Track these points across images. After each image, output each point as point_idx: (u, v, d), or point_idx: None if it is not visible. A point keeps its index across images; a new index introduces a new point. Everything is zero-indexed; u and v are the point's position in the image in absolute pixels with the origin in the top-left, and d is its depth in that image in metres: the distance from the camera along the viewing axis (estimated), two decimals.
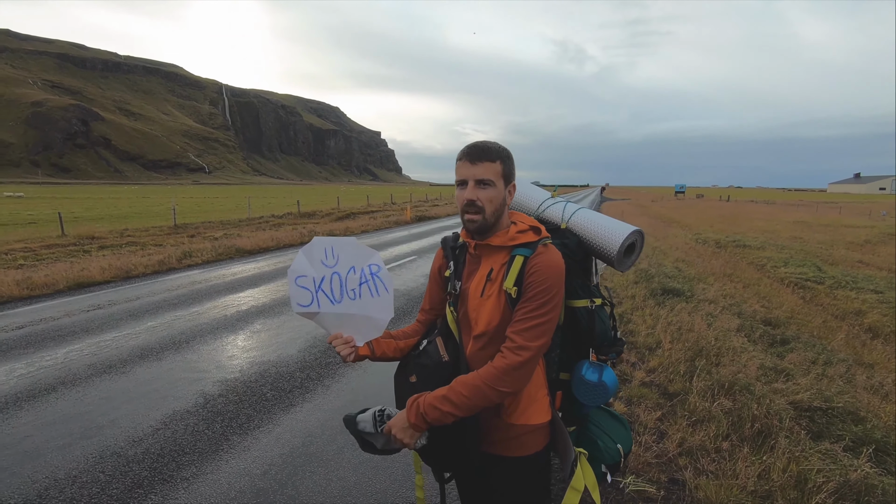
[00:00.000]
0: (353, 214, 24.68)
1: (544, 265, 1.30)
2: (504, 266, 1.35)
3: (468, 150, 1.34)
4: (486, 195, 1.32)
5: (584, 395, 1.43)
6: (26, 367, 4.28)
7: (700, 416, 3.33)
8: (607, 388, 1.39)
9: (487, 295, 1.35)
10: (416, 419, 1.26)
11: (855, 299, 8.07)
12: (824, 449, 2.86)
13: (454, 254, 1.49)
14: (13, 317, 5.98)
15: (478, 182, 1.32)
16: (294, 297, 1.43)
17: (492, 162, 1.33)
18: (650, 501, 2.59)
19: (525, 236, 1.36)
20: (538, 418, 1.39)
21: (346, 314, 1.44)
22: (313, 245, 1.44)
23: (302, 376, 4.13)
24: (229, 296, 7.08)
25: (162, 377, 4.08)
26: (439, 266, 1.56)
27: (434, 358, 1.40)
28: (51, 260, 10.12)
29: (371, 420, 1.36)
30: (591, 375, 1.41)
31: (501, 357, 1.26)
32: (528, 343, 1.25)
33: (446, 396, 1.24)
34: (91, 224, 17.86)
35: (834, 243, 16.32)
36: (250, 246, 12.07)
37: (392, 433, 1.30)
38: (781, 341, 5.13)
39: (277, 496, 2.57)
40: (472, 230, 1.37)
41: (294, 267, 1.43)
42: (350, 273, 1.42)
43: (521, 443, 1.39)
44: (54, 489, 2.59)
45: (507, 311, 1.33)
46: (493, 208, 1.33)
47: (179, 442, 3.07)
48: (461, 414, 1.25)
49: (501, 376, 1.24)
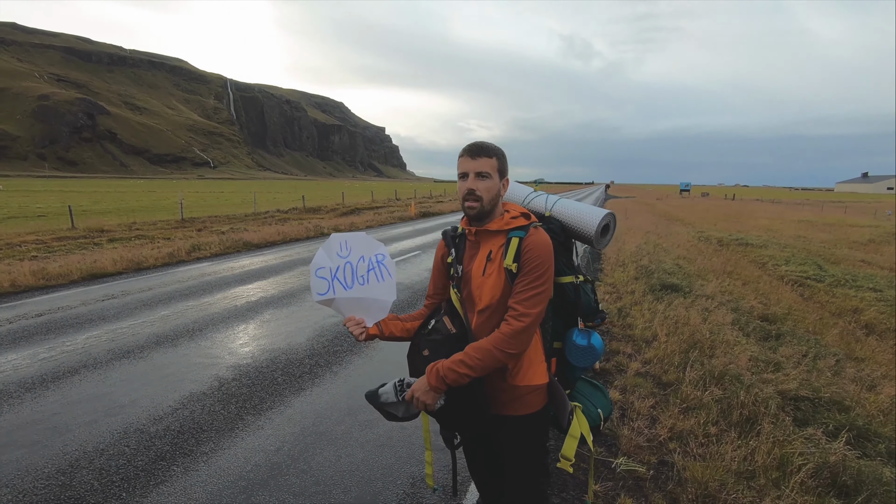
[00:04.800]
0: (358, 210, 24.87)
1: (537, 244, 1.50)
2: (502, 247, 1.55)
3: (469, 148, 1.57)
4: (484, 186, 1.54)
5: (576, 357, 1.64)
6: (48, 351, 4.49)
7: (691, 403, 3.49)
8: (596, 349, 1.61)
9: (488, 273, 1.55)
10: (437, 381, 1.45)
11: (853, 297, 8.19)
12: (808, 434, 3.02)
13: (454, 242, 1.69)
14: (32, 305, 6.20)
15: (477, 174, 1.54)
16: (314, 287, 1.69)
17: (489, 157, 1.55)
18: (640, 480, 2.75)
19: (518, 221, 1.57)
20: (538, 379, 1.59)
21: (357, 298, 1.69)
22: (331, 240, 1.70)
23: (311, 362, 4.32)
24: (238, 287, 7.28)
25: (178, 362, 4.27)
26: (442, 255, 1.76)
27: (443, 332, 1.59)
28: (63, 252, 10.35)
29: (392, 390, 1.55)
30: (581, 340, 1.62)
31: (506, 324, 1.46)
32: (528, 310, 1.45)
33: (462, 360, 1.44)
34: (99, 217, 18.13)
35: (837, 242, 16.39)
36: (257, 240, 12.28)
37: (415, 397, 1.49)
38: (776, 336, 5.28)
39: (290, 469, 2.75)
40: (472, 216, 1.58)
41: (315, 261, 1.69)
42: (360, 262, 1.70)
43: (524, 402, 1.58)
44: (84, 460, 2.79)
45: (506, 286, 1.53)
46: (489, 197, 1.55)
47: (197, 420, 3.26)
48: (475, 374, 1.44)
49: (508, 339, 1.44)
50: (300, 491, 2.57)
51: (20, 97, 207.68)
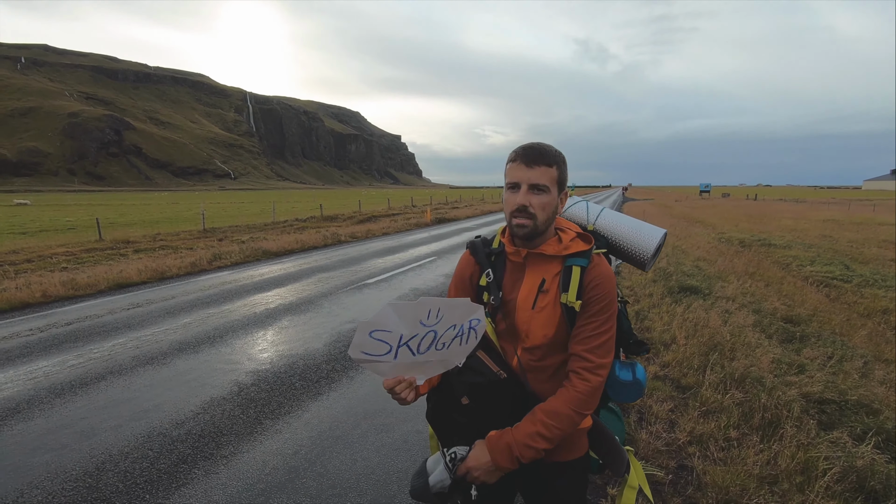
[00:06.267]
0: (375, 217, 25.09)
1: (604, 277, 1.26)
2: (557, 277, 1.28)
3: (524, 152, 1.24)
4: (540, 202, 1.23)
5: (620, 393, 1.43)
6: (77, 358, 4.65)
7: (711, 407, 3.42)
8: (642, 385, 1.41)
9: (540, 307, 1.29)
10: (510, 463, 1.21)
11: (883, 297, 7.90)
12: (833, 438, 2.93)
13: (490, 261, 1.38)
14: (62, 314, 6.43)
15: (531, 187, 1.23)
16: (363, 346, 1.19)
17: (549, 167, 1.23)
18: (659, 485, 2.71)
19: (577, 245, 1.29)
20: (585, 421, 1.37)
21: (421, 362, 1.25)
22: (418, 306, 1.23)
23: (328, 368, 4.37)
24: (258, 295, 7.41)
25: (199, 368, 4.38)
26: (471, 273, 1.41)
27: (487, 375, 1.28)
28: (91, 263, 10.70)
29: (444, 471, 1.25)
30: (626, 375, 1.42)
31: (581, 380, 1.23)
32: (603, 360, 1.24)
33: (540, 433, 1.20)
34: (125, 229, 18.69)
35: (866, 242, 15.85)
36: (276, 248, 12.49)
37: (473, 476, 1.22)
38: (800, 338, 5.13)
39: (307, 473, 2.79)
40: (521, 236, 1.27)
41: (375, 321, 1.19)
42: (449, 329, 1.26)
43: (571, 445, 1.37)
44: (110, 463, 2.88)
45: (563, 324, 1.28)
46: (545, 216, 1.25)
47: (218, 425, 3.33)
48: (552, 446, 1.23)
49: (587, 399, 1.22)
50: (317, 494, 2.61)
51: (51, 115, 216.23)
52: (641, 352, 1.48)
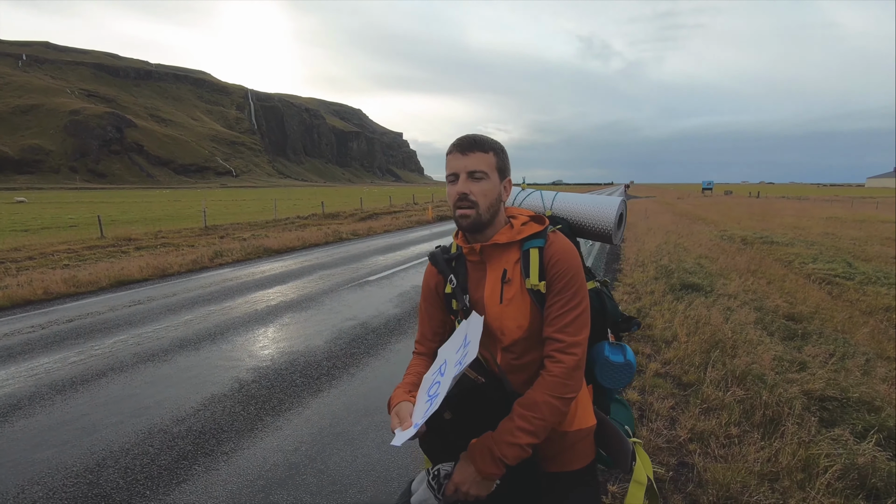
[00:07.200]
0: (376, 215, 25.08)
1: (563, 251, 1.21)
2: (518, 263, 1.24)
3: (458, 142, 1.23)
4: (480, 188, 1.20)
5: (610, 377, 1.35)
6: (78, 355, 4.65)
7: (712, 404, 3.41)
8: (633, 366, 1.34)
9: (508, 299, 1.24)
10: (493, 466, 1.12)
11: (886, 295, 7.87)
12: (835, 435, 2.92)
13: (451, 266, 1.34)
14: (63, 311, 6.44)
15: (469, 174, 1.21)
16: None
17: (484, 153, 1.22)
18: (660, 482, 2.70)
19: (530, 227, 1.27)
20: (588, 421, 1.30)
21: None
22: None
23: (329, 365, 4.37)
24: (259, 292, 7.42)
25: (200, 365, 4.38)
26: (435, 284, 1.39)
27: (466, 384, 1.26)
28: (92, 260, 10.72)
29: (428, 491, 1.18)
30: (616, 356, 1.34)
31: (554, 362, 1.17)
32: (575, 338, 1.17)
33: (520, 427, 1.12)
34: (127, 226, 18.72)
35: (868, 239, 15.79)
36: (277, 245, 12.49)
37: (462, 491, 1.14)
38: (802, 335, 5.12)
39: (307, 469, 2.79)
40: (466, 226, 1.24)
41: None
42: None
43: (575, 452, 1.29)
44: (110, 459, 2.88)
45: (535, 311, 1.22)
46: (487, 202, 1.22)
47: (218, 421, 3.33)
48: (539, 440, 1.14)
49: (565, 382, 1.14)
50: (317, 490, 2.61)
51: (53, 113, 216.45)
52: (632, 328, 1.43)
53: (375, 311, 6.20)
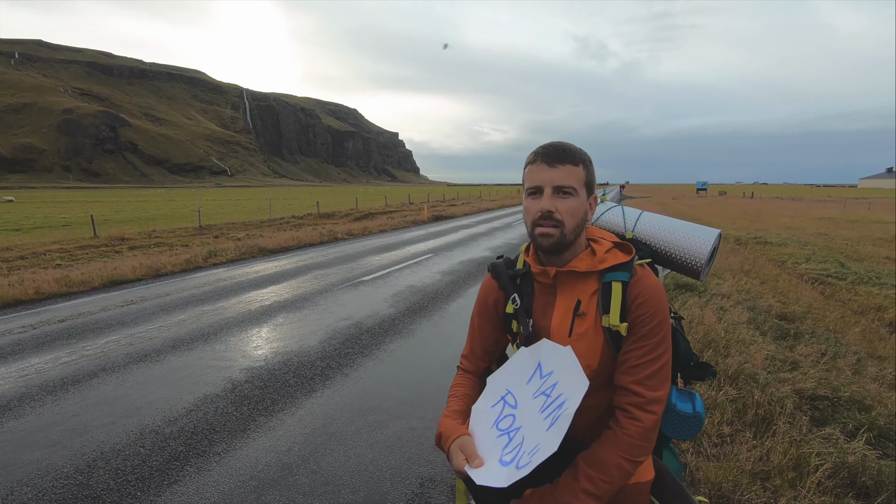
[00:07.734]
0: (372, 214, 25.04)
1: (652, 292, 1.06)
2: (595, 296, 1.10)
3: (545, 151, 1.08)
4: (567, 206, 1.06)
5: (676, 429, 1.19)
6: (69, 355, 4.62)
7: (706, 404, 3.43)
8: (702, 419, 1.18)
9: (578, 334, 1.10)
10: None
11: (877, 295, 7.94)
12: (825, 434, 2.94)
13: (515, 284, 1.20)
14: (55, 311, 6.39)
15: (556, 189, 1.06)
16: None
17: (574, 165, 1.07)
18: None
19: (614, 256, 1.11)
20: (647, 473, 1.15)
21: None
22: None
23: (322, 365, 4.36)
24: (253, 292, 7.39)
25: (193, 365, 4.36)
26: (494, 300, 1.24)
27: None
28: (85, 260, 10.64)
29: None
30: (684, 405, 1.18)
31: (630, 419, 1.03)
32: (656, 394, 1.03)
33: (585, 490, 0.99)
34: (121, 226, 18.60)
35: (861, 239, 15.92)
36: (272, 245, 12.45)
37: None
38: (794, 334, 5.15)
39: (300, 470, 2.78)
40: (547, 247, 1.09)
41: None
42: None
43: None
44: (101, 460, 2.86)
45: (607, 352, 1.09)
46: (574, 223, 1.07)
47: (211, 422, 3.32)
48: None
49: (640, 443, 1.01)
50: (310, 491, 2.60)
51: (46, 111, 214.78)
52: (707, 376, 1.26)
53: (370, 311, 6.19)
